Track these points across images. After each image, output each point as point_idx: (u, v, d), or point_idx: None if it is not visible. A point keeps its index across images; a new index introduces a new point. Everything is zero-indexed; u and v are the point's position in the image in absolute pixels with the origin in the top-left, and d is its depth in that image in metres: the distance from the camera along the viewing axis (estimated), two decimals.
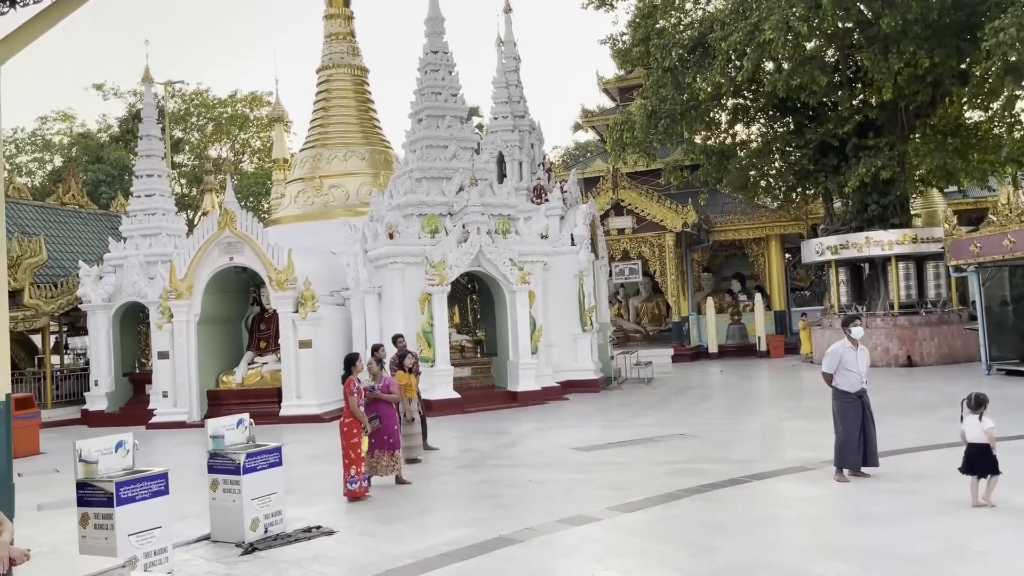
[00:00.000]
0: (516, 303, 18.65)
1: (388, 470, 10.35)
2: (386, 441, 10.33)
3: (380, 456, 10.30)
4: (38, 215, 23.77)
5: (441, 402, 17.50)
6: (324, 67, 24.84)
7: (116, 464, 7.10)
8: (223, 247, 18.80)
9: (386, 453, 10.33)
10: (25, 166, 52.14)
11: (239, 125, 55.36)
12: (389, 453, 10.34)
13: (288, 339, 18.35)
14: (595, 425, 15.14)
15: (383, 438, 10.29)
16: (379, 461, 10.29)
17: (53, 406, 21.49)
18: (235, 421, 8.44)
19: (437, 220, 18.78)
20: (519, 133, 23.02)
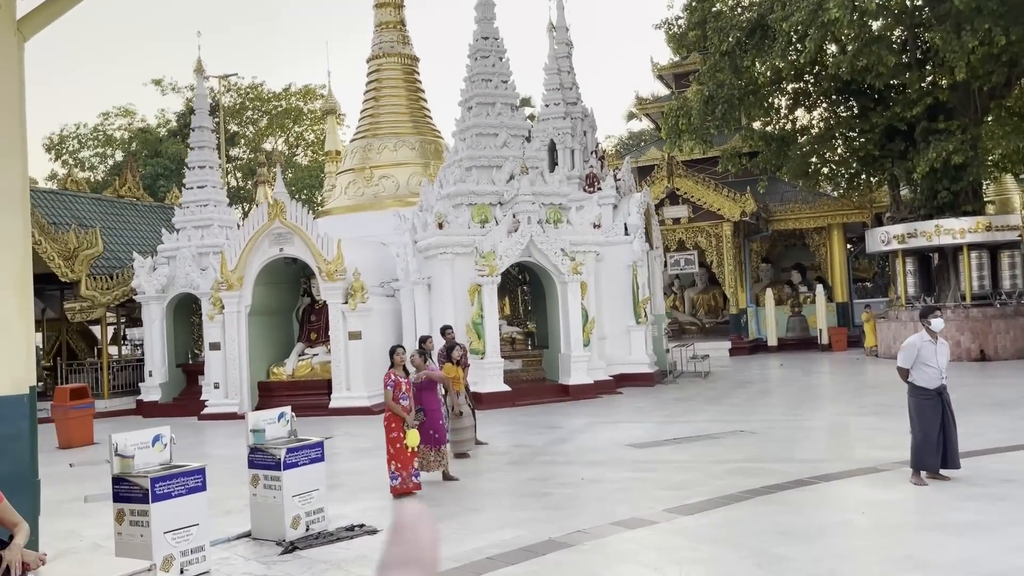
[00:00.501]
0: (568, 294, 18.19)
1: (435, 466, 10.02)
2: (431, 436, 10.01)
3: (426, 452, 9.99)
4: (95, 207, 24.09)
5: (491, 395, 17.15)
6: (374, 56, 24.63)
7: (153, 459, 6.85)
8: (273, 238, 18.72)
9: (432, 449, 10.01)
10: (88, 160, 53.40)
11: (293, 118, 55.82)
12: (435, 448, 10.02)
13: (338, 330, 18.19)
14: (650, 421, 14.61)
15: (428, 433, 9.98)
16: (425, 457, 9.98)
17: (110, 396, 21.76)
18: (276, 414, 8.17)
19: (487, 210, 18.40)
20: (571, 120, 22.48)
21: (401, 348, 11.43)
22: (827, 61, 23.15)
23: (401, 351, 10.38)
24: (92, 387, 21.73)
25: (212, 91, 48.16)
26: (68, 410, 15.68)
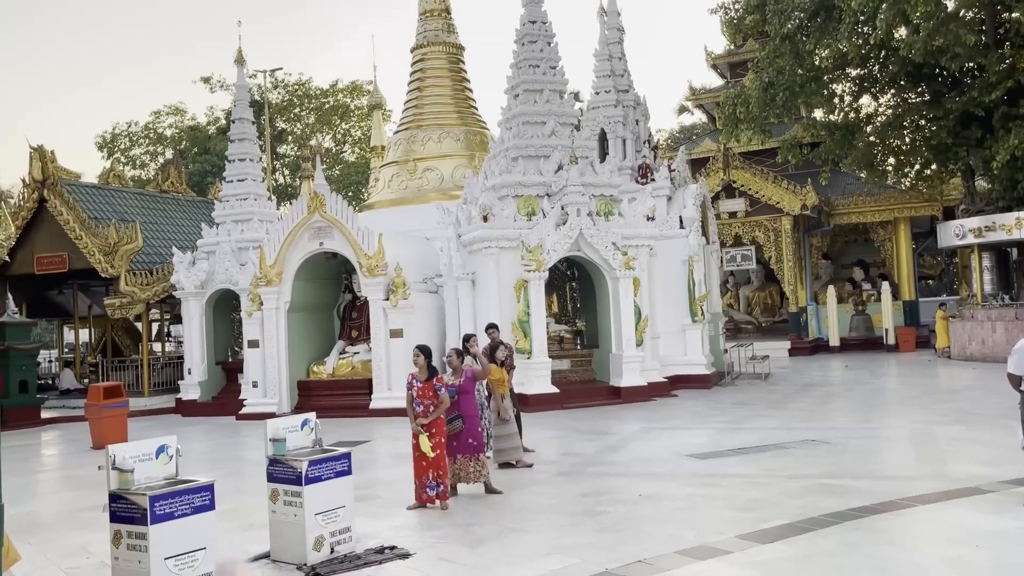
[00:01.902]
0: (619, 291, 17.16)
1: (475, 477, 9.11)
2: (470, 444, 9.10)
3: (464, 462, 9.08)
4: (137, 202, 23.79)
5: (538, 397, 16.23)
6: (418, 46, 23.86)
7: (156, 472, 6.06)
8: (313, 232, 18.06)
9: (471, 458, 9.10)
10: (139, 158, 53.83)
11: (340, 115, 55.59)
12: (474, 458, 9.11)
13: (379, 328, 17.46)
14: (710, 427, 13.53)
15: (467, 441, 9.08)
16: (463, 468, 9.08)
17: (150, 394, 21.40)
18: (300, 421, 7.37)
19: (534, 201, 17.46)
20: (623, 109, 21.43)
21: (422, 350, 10.63)
22: (896, 44, 21.71)
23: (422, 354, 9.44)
24: (133, 384, 21.49)
25: (260, 87, 48.18)
26: (101, 409, 15.18)
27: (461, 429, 9.01)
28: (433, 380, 8.52)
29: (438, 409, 8.46)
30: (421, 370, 8.58)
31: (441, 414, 8.51)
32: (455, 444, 9.04)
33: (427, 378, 8.55)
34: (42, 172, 21.19)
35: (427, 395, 8.50)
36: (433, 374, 8.58)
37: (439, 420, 8.53)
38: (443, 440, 8.54)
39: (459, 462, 9.06)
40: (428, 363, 8.59)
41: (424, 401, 8.50)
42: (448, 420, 8.92)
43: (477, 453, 9.13)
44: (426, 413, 8.46)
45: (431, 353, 8.75)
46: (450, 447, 9.01)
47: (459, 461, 9.06)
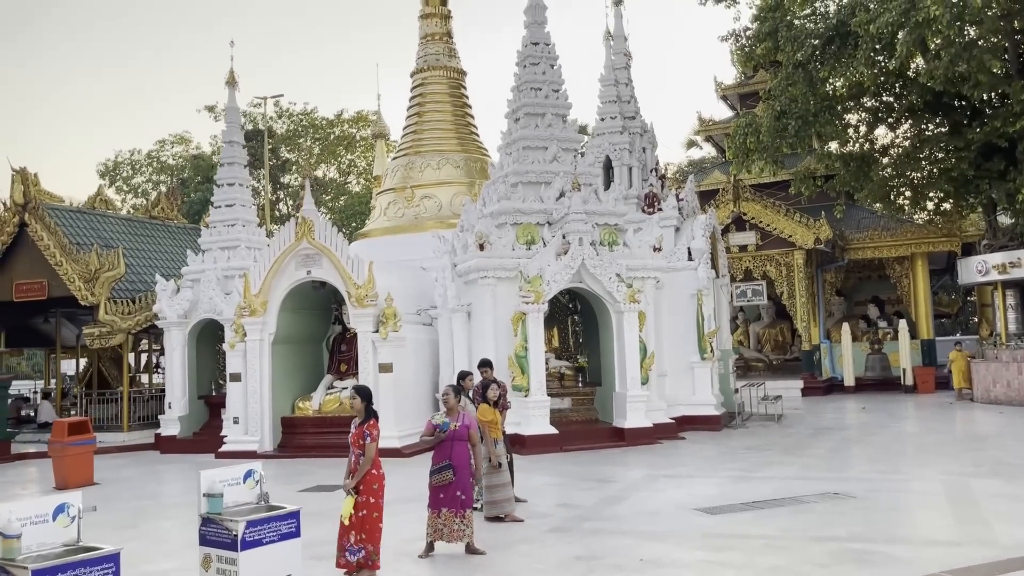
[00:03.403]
0: (624, 325, 16.10)
1: (458, 535, 8.01)
2: (458, 498, 8.01)
3: (449, 517, 8.00)
4: (123, 228, 22.93)
5: (535, 438, 15.12)
6: (419, 70, 23.15)
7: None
8: (300, 259, 17.11)
9: (457, 514, 8.00)
10: (141, 187, 53.30)
11: (345, 145, 55.12)
12: (460, 514, 8.01)
13: (367, 362, 16.41)
14: (720, 475, 12.39)
15: (455, 494, 7.99)
16: (448, 524, 7.99)
17: (131, 429, 20.34)
18: (242, 472, 6.31)
19: (534, 230, 16.51)
20: (629, 135, 20.56)
21: (470, 375, 10.11)
22: (915, 72, 20.83)
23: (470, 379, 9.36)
24: (115, 419, 20.45)
25: (264, 116, 47.75)
26: (66, 446, 14.13)
27: (451, 481, 7.96)
28: (365, 426, 7.19)
29: (364, 464, 7.07)
30: (359, 413, 7.35)
31: (368, 467, 7.07)
32: (442, 496, 8.01)
33: (362, 422, 7.23)
34: (24, 195, 20.36)
35: (357, 443, 7.18)
36: (369, 417, 7.26)
37: (368, 476, 7.11)
38: (376, 501, 7.14)
39: (443, 517, 8.00)
40: (366, 406, 7.28)
41: (355, 450, 7.19)
42: (437, 468, 8.00)
43: (464, 508, 8.05)
44: (355, 467, 7.10)
45: (370, 395, 7.48)
46: (436, 499, 8.02)
47: (444, 516, 8.00)
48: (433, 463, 8.10)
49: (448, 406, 8.21)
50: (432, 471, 8.07)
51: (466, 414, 8.36)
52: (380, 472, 7.18)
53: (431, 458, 8.13)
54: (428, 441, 8.17)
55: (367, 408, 7.29)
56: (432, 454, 8.16)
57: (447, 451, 8.01)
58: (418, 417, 16.92)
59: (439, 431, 8.05)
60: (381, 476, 7.18)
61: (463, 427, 8.11)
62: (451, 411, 8.18)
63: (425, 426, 8.20)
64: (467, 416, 8.35)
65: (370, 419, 7.22)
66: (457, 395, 8.55)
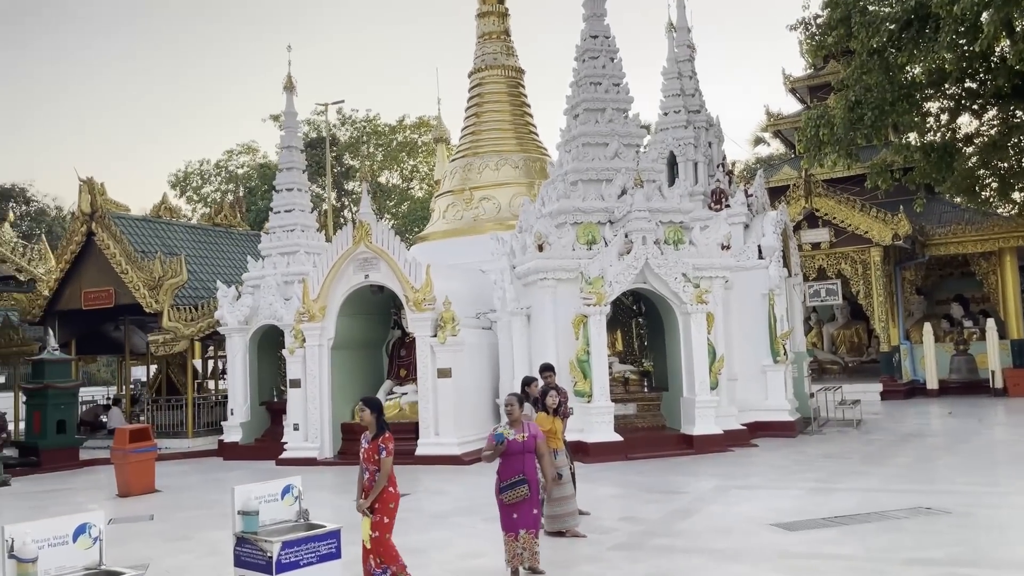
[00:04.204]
0: (691, 327, 15.38)
1: (537, 559, 7.24)
2: (534, 516, 7.28)
3: (528, 539, 7.21)
4: (186, 236, 23.15)
5: (599, 446, 14.53)
6: (476, 70, 22.78)
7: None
8: (358, 263, 16.87)
9: (535, 534, 7.28)
10: (210, 196, 54.41)
11: (408, 151, 55.32)
12: (535, 534, 7.29)
13: (426, 367, 16.06)
14: (797, 486, 11.60)
15: (530, 512, 7.20)
16: (528, 546, 7.18)
17: (196, 435, 20.45)
18: (280, 488, 5.91)
19: (594, 229, 15.93)
20: (694, 130, 19.79)
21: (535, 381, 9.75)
22: (1002, 54, 19.49)
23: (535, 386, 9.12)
24: (181, 425, 20.59)
25: (327, 123, 48.20)
26: (127, 454, 14.12)
27: (526, 496, 7.14)
28: (379, 439, 6.65)
29: (380, 480, 6.55)
30: (369, 427, 6.80)
31: (384, 484, 6.54)
32: (516, 516, 7.14)
33: (375, 436, 6.71)
34: (91, 205, 20.69)
35: (372, 459, 6.65)
36: (382, 430, 6.71)
37: (384, 494, 6.59)
38: (389, 520, 6.60)
39: (522, 540, 7.14)
40: (377, 418, 6.75)
41: (369, 466, 6.67)
42: (509, 484, 7.15)
43: (538, 527, 7.36)
44: (370, 484, 6.58)
45: (380, 406, 6.94)
46: (510, 520, 7.17)
47: (522, 538, 7.14)
48: (501, 478, 7.24)
49: (512, 417, 7.46)
50: (502, 487, 7.20)
51: (532, 424, 7.66)
52: (397, 490, 6.66)
53: (496, 472, 7.35)
54: (487, 456, 7.44)
55: (378, 420, 6.75)
56: (497, 468, 7.34)
57: (518, 464, 7.19)
58: (478, 424, 16.52)
59: (497, 444, 7.29)
60: (397, 495, 6.67)
61: (531, 438, 7.35)
62: (515, 422, 7.43)
63: (488, 439, 7.50)
64: (533, 426, 7.64)
65: (383, 432, 6.69)
66: (521, 404, 7.93)
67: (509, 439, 7.23)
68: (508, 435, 7.20)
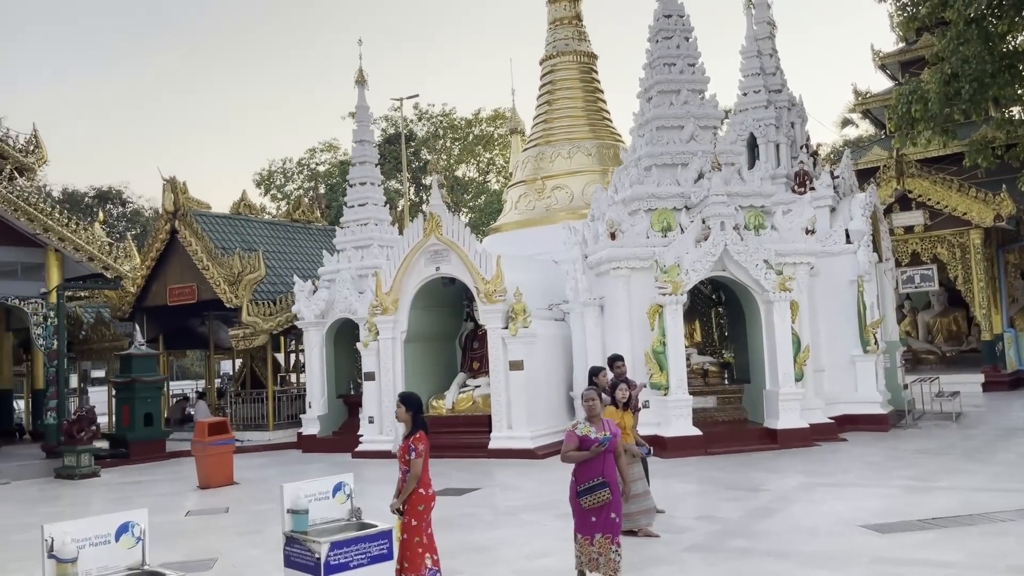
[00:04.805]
0: (773, 316, 14.67)
1: (614, 568, 6.40)
2: (613, 522, 6.50)
3: (605, 545, 6.42)
4: (265, 232, 23.53)
5: (676, 440, 14.00)
6: (548, 56, 22.39)
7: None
8: (429, 256, 16.75)
9: (613, 540, 6.46)
10: (292, 194, 55.62)
11: (484, 144, 55.33)
12: (616, 540, 6.47)
13: (497, 359, 15.83)
14: (890, 484, 10.86)
15: (609, 516, 6.44)
16: (604, 552, 6.40)
17: (276, 428, 20.77)
18: (331, 485, 5.70)
19: (670, 215, 15.36)
20: (775, 110, 18.93)
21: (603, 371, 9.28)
22: None
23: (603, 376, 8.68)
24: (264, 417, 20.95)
25: (402, 118, 48.58)
26: (207, 446, 14.36)
27: (608, 500, 6.40)
28: (411, 439, 6.32)
29: (410, 481, 6.23)
30: (405, 424, 6.46)
31: (414, 486, 6.22)
32: (594, 520, 6.44)
33: (407, 435, 6.37)
34: (174, 203, 21.22)
35: (403, 458, 6.33)
36: (417, 429, 6.36)
37: (414, 496, 6.22)
38: (417, 523, 6.26)
39: (598, 544, 6.43)
40: (413, 416, 6.37)
41: (401, 466, 6.38)
42: (588, 487, 6.43)
43: (618, 534, 6.59)
44: (402, 484, 6.29)
45: (418, 403, 6.57)
46: (587, 523, 6.48)
47: (598, 543, 6.43)
48: (579, 480, 6.49)
49: (593, 413, 6.63)
50: (581, 490, 6.46)
51: (610, 422, 6.91)
52: (428, 492, 6.30)
53: (573, 473, 6.59)
54: (580, 456, 6.49)
55: (414, 418, 6.40)
56: (575, 468, 6.57)
57: (598, 466, 6.44)
58: (552, 417, 16.22)
59: (597, 446, 6.40)
60: (429, 497, 6.31)
61: (613, 437, 6.64)
62: (595, 418, 6.62)
63: (567, 437, 6.58)
64: (612, 424, 6.88)
65: (417, 431, 6.35)
66: (602, 399, 7.37)
67: (590, 438, 6.50)
68: (589, 433, 6.51)
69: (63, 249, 17.39)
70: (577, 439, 6.47)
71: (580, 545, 6.57)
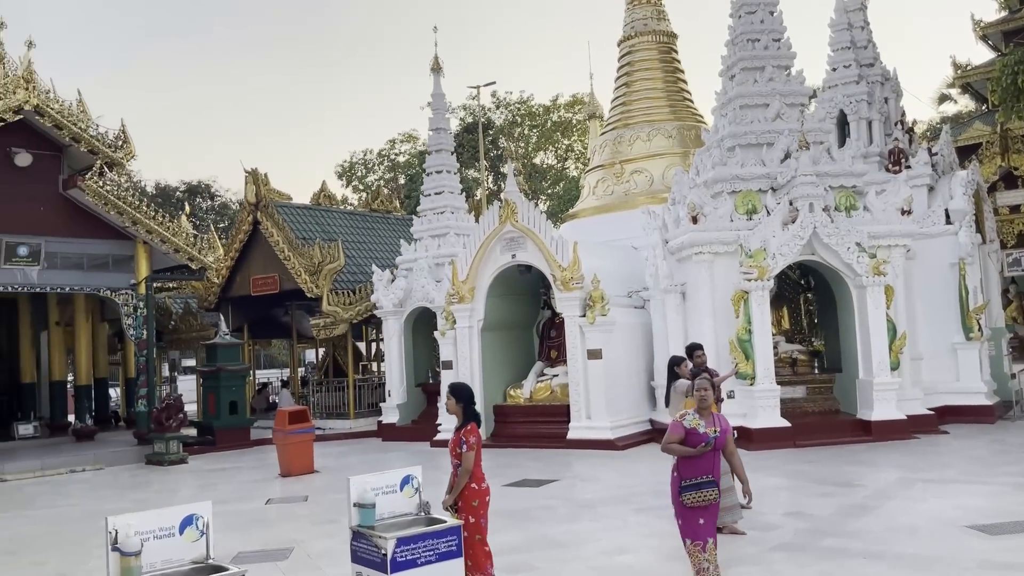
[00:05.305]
0: (867, 301, 13.92)
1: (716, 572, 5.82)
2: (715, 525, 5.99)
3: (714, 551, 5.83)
4: (344, 222, 23.76)
5: (764, 432, 13.44)
6: (626, 37, 21.84)
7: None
8: (505, 243, 16.54)
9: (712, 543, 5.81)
10: (374, 185, 56.35)
11: (562, 130, 54.84)
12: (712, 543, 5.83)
13: (575, 348, 15.52)
14: (997, 480, 10.11)
15: (714, 518, 5.92)
16: (710, 559, 5.78)
17: (355, 416, 20.98)
18: (399, 478, 5.51)
19: (755, 197, 14.72)
20: (867, 85, 17.98)
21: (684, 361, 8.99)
22: None
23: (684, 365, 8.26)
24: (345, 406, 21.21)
25: (480, 106, 48.55)
26: (287, 435, 14.52)
27: (714, 500, 5.79)
28: (462, 431, 6.03)
29: (462, 476, 5.94)
30: (456, 416, 6.18)
31: (466, 481, 5.92)
32: (703, 522, 5.76)
33: (459, 427, 6.09)
34: (255, 195, 21.60)
35: (454, 452, 6.05)
36: (468, 421, 6.06)
37: (467, 491, 5.93)
38: (475, 520, 5.96)
39: (709, 551, 5.77)
40: (464, 408, 6.07)
41: (453, 460, 6.10)
42: (694, 483, 5.74)
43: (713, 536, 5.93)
44: (454, 479, 6.02)
45: (469, 394, 6.23)
46: (696, 527, 5.76)
47: (709, 549, 5.78)
48: (684, 475, 5.81)
49: (704, 405, 5.93)
50: (685, 486, 5.78)
51: (722, 416, 6.18)
52: (482, 486, 6.00)
53: (676, 467, 5.92)
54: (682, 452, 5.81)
55: (465, 410, 6.11)
56: (678, 464, 5.90)
57: (708, 462, 5.78)
58: (631, 407, 15.86)
59: (704, 446, 5.75)
60: (483, 491, 6.01)
61: (723, 433, 5.91)
62: (704, 411, 5.90)
63: (672, 427, 5.90)
64: (723, 419, 6.14)
65: (468, 423, 6.06)
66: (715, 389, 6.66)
67: (698, 432, 5.81)
68: (697, 426, 5.81)
69: (150, 241, 17.88)
70: (683, 431, 5.78)
71: (693, 553, 5.79)
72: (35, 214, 16.87)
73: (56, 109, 16.91)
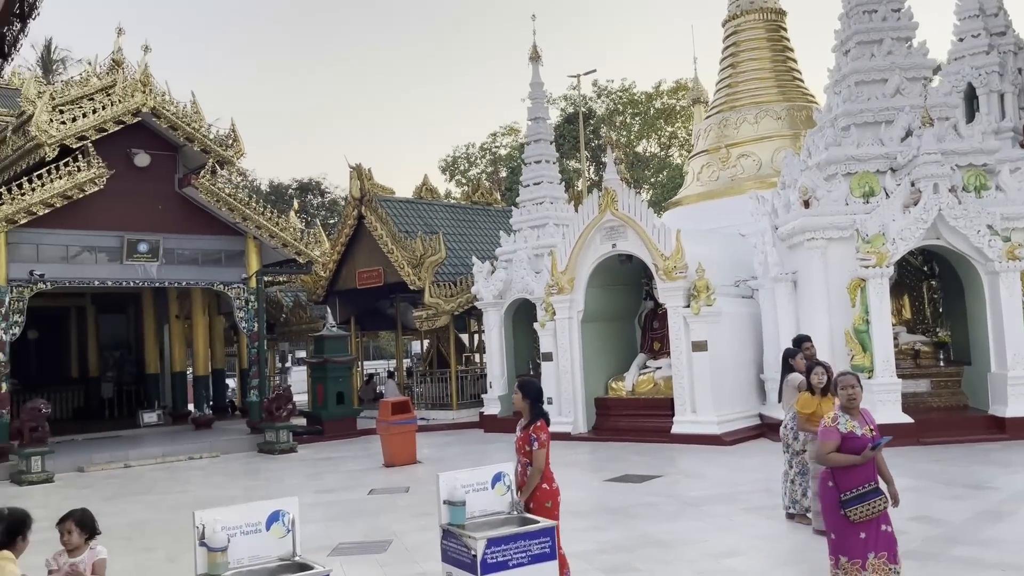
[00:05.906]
0: (1000, 289, 12.86)
1: None
2: (888, 536, 5.15)
3: (880, 567, 5.06)
4: (446, 214, 23.88)
5: (883, 428, 12.56)
6: (731, 16, 21.01)
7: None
8: (605, 232, 16.17)
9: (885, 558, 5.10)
10: (476, 178, 56.72)
11: (665, 117, 53.70)
12: (895, 558, 5.15)
13: (679, 339, 15.02)
14: None
15: (881, 530, 5.10)
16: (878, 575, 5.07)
17: (458, 407, 21.08)
18: (490, 475, 5.31)
19: (872, 179, 13.83)
20: (998, 55, 16.65)
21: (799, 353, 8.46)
22: None
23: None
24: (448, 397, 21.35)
25: (580, 95, 48.04)
26: (390, 425, 14.65)
27: (883, 510, 5.09)
28: (531, 428, 5.69)
29: (533, 475, 5.57)
30: (523, 413, 5.84)
31: (537, 480, 5.55)
32: (864, 536, 5.07)
33: (527, 424, 5.76)
34: (360, 190, 21.95)
35: (523, 449, 5.69)
36: (537, 418, 5.74)
37: (539, 491, 5.55)
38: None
39: (872, 567, 5.04)
40: (532, 404, 5.76)
41: (521, 458, 5.72)
42: (859, 494, 5.04)
43: (896, 550, 5.20)
44: (523, 479, 5.62)
45: (537, 390, 5.92)
46: (855, 541, 5.08)
47: (872, 565, 5.04)
48: (843, 485, 5.10)
49: (855, 403, 5.29)
50: (848, 498, 5.06)
51: (867, 411, 5.53)
52: (553, 486, 5.65)
53: (832, 477, 5.20)
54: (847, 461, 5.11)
55: (533, 407, 5.79)
56: (833, 473, 5.20)
57: (868, 468, 5.10)
58: (740, 401, 15.27)
59: (871, 448, 5.10)
60: (555, 491, 5.66)
61: (877, 432, 5.28)
62: (854, 411, 5.28)
63: (824, 433, 5.24)
64: (869, 413, 5.52)
65: (537, 420, 5.74)
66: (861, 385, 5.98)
67: (856, 435, 5.14)
68: (854, 429, 5.16)
69: (260, 236, 18.40)
70: (839, 436, 5.10)
71: (845, 571, 5.13)
72: (154, 212, 17.62)
73: (172, 111, 17.59)
